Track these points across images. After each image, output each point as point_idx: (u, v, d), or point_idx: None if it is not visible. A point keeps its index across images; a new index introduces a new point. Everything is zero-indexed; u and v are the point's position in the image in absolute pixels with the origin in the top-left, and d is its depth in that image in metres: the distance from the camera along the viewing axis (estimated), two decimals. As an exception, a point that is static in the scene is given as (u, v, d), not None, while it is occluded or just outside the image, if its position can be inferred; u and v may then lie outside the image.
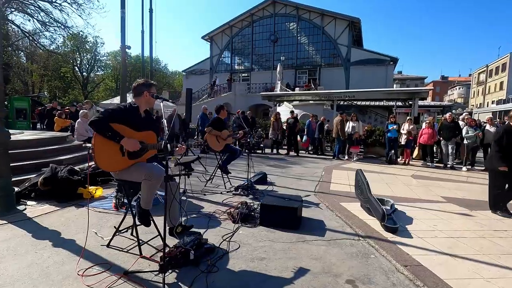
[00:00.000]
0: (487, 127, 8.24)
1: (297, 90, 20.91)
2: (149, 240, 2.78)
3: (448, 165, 8.59)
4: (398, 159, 9.69)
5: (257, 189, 5.09)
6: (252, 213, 3.65)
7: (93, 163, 4.46)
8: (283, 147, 12.04)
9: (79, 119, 7.96)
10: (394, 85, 24.94)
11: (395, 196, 5.00)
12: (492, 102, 42.07)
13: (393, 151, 9.58)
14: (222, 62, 31.51)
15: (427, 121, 9.50)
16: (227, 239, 2.98)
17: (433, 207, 4.46)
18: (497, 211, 4.14)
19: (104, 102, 25.53)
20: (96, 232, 2.97)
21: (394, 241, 3.05)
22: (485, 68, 48.66)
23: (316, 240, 3.05)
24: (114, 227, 2.93)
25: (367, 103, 18.53)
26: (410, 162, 9.41)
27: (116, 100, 22.80)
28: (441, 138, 8.81)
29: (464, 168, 8.47)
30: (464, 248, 2.95)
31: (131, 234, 2.94)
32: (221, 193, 4.84)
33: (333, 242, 3.04)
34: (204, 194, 4.72)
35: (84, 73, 39.80)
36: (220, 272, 2.35)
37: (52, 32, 22.45)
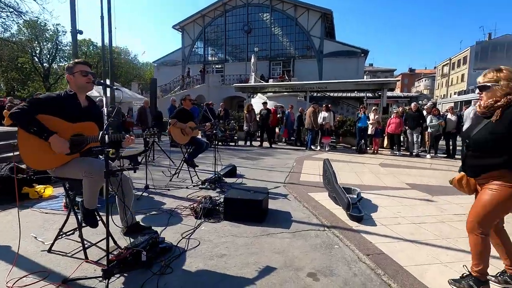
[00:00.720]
0: (449, 116, 8.61)
1: (271, 82, 20.82)
2: (97, 242, 2.53)
3: (414, 153, 8.92)
4: (368, 149, 9.93)
5: (226, 182, 4.93)
6: (217, 208, 3.49)
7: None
8: (257, 139, 11.93)
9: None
10: (365, 77, 25.59)
11: (363, 185, 5.06)
12: (455, 93, 44.68)
13: (362, 141, 9.81)
14: (195, 53, 30.64)
15: (395, 111, 9.78)
16: (186, 237, 2.80)
17: (398, 194, 4.55)
18: None
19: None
20: (35, 237, 2.65)
21: (359, 230, 3.03)
22: (448, 61, 51.39)
23: (281, 233, 2.96)
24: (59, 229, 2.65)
25: (340, 94, 18.89)
26: (379, 151, 9.68)
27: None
28: (406, 128, 9.11)
29: (428, 156, 8.84)
30: (424, 234, 2.99)
31: (79, 236, 2.68)
32: (186, 187, 4.62)
33: (298, 234, 2.96)
34: (168, 189, 4.48)
35: (45, 64, 36.90)
36: (175, 273, 2.17)
37: (4, 18, 20.47)
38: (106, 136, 1.80)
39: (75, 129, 2.21)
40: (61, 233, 2.47)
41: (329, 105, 11.07)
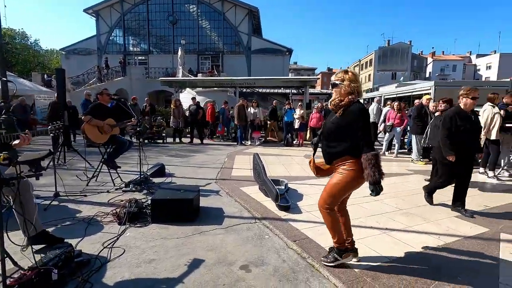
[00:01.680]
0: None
1: (199, 76, 20.34)
2: (-11, 267, 2.09)
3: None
4: (294, 142, 10.64)
5: (153, 183, 4.65)
6: (143, 211, 3.27)
7: None
8: (187, 135, 11.55)
9: None
10: (290, 75, 27.23)
11: (290, 176, 5.41)
12: (364, 91, 51.31)
13: (289, 135, 10.46)
14: (113, 41, 27.71)
15: (315, 107, 10.70)
16: (108, 246, 2.54)
17: (320, 182, 5.00)
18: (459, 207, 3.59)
19: None
20: None
21: (286, 219, 3.24)
22: (358, 63, 58.55)
23: (214, 230, 2.95)
24: None
25: (268, 90, 19.66)
26: (303, 144, 10.48)
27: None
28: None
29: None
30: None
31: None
32: (107, 191, 4.18)
33: (230, 229, 2.99)
34: (85, 195, 3.98)
35: None
36: (95, 288, 1.95)
37: None
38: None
39: None
40: None
41: (256, 101, 11.43)
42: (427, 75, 53.13)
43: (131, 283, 2.03)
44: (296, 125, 10.37)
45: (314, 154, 2.46)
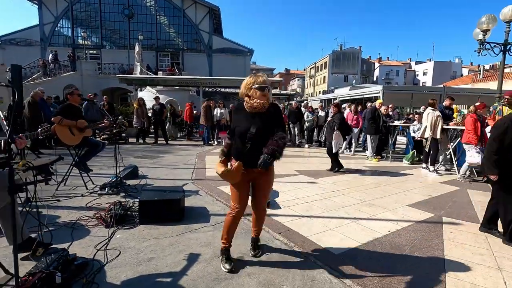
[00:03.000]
0: (320, 112, 10.57)
1: (160, 74, 19.70)
2: (-18, 276, 2.03)
3: (296, 144, 10.53)
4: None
5: (129, 185, 4.59)
6: (129, 212, 3.29)
7: None
8: (150, 135, 11.24)
9: None
10: (252, 75, 27.59)
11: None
12: (319, 92, 54.05)
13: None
14: (59, 33, 25.39)
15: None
16: (102, 248, 2.57)
17: (291, 179, 5.41)
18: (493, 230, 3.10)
19: None
20: None
21: (269, 214, 3.51)
22: (314, 65, 61.40)
23: (203, 227, 3.11)
24: None
25: (230, 90, 19.81)
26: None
27: None
28: (290, 122, 10.63)
29: (306, 146, 10.62)
30: (315, 209, 3.76)
31: None
32: (82, 195, 4.05)
33: (218, 225, 3.18)
34: (58, 200, 3.81)
35: None
36: (102, 288, 2.03)
37: None
38: (14, 146, 1.51)
39: None
40: None
41: (222, 102, 11.57)
42: (375, 79, 57.85)
43: (136, 280, 2.14)
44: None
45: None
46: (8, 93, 12.82)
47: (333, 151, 6.20)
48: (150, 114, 10.90)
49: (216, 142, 10.72)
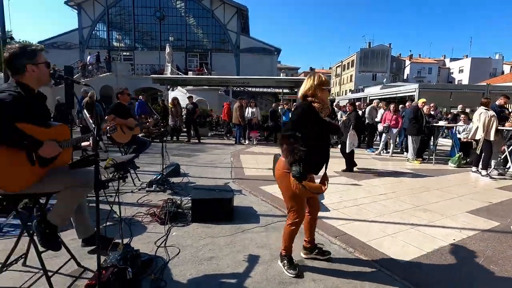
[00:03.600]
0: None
1: (190, 74, 20.12)
2: (59, 269, 2.11)
3: (332, 144, 10.28)
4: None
5: (173, 183, 4.68)
6: (180, 210, 3.33)
7: None
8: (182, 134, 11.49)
9: None
10: (281, 74, 27.51)
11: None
12: (346, 91, 52.72)
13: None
14: (96, 36, 26.75)
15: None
16: (162, 245, 2.61)
17: (332, 181, 5.22)
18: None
19: None
20: (-37, 274, 2.01)
21: (320, 217, 3.39)
22: (340, 64, 60.00)
23: (255, 228, 3.07)
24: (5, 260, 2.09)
25: (257, 89, 19.83)
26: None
27: None
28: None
29: (340, 146, 10.32)
30: (367, 213, 3.60)
31: (23, 264, 2.18)
32: (131, 192, 4.18)
33: (269, 227, 3.13)
34: (111, 196, 3.95)
35: None
36: (171, 286, 2.03)
37: None
38: (102, 143, 1.55)
39: (51, 135, 1.79)
40: (6, 264, 1.96)
41: (254, 101, 11.57)
42: (405, 77, 55.43)
43: (202, 280, 2.13)
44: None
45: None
46: (52, 93, 13.69)
47: (347, 151, 6.05)
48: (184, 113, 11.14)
49: (247, 142, 10.73)
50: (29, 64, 1.77)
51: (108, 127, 2.30)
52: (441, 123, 7.89)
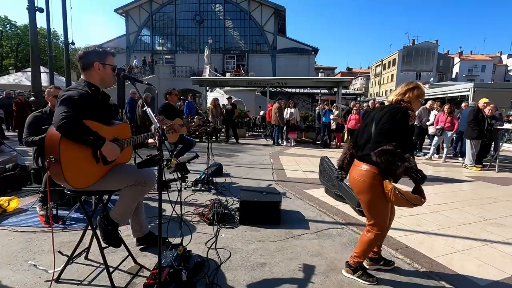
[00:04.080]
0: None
1: (228, 75, 20.45)
2: (119, 265, 2.16)
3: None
4: (331, 143, 10.51)
5: (216, 183, 4.69)
6: (227, 211, 3.29)
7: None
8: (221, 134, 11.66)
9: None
10: (319, 74, 26.91)
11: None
12: (386, 92, 50.06)
13: (327, 136, 10.34)
14: (141, 41, 28.37)
15: (354, 108, 10.50)
16: (212, 247, 2.57)
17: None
18: None
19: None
20: (34, 264, 2.14)
21: (374, 225, 3.16)
22: (380, 62, 57.15)
23: (305, 234, 2.92)
24: (59, 252, 2.19)
25: (294, 90, 19.55)
26: (341, 146, 10.31)
27: (4, 80, 18.10)
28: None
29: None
30: (428, 224, 3.26)
31: (86, 258, 2.26)
32: (178, 190, 4.25)
33: (320, 233, 2.96)
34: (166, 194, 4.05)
35: None
36: (225, 291, 1.97)
37: None
38: (167, 143, 1.52)
39: (111, 133, 1.83)
40: (73, 256, 2.03)
41: (293, 102, 11.35)
42: (453, 76, 51.22)
43: (257, 287, 2.03)
44: (333, 125, 10.24)
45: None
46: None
47: None
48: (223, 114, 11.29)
49: (285, 143, 10.56)
50: (97, 62, 1.87)
51: (165, 127, 2.31)
52: (507, 125, 7.04)
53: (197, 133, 7.80)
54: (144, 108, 1.80)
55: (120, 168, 1.90)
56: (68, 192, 1.94)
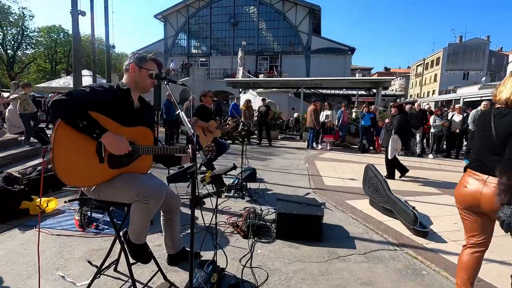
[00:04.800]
0: (455, 116, 8.61)
1: (261, 77, 20.32)
2: (148, 281, 1.99)
3: (417, 153, 8.91)
4: (370, 148, 9.83)
5: (250, 188, 4.45)
6: (263, 223, 3.03)
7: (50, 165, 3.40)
8: (253, 136, 11.47)
9: (10, 106, 6.34)
10: (357, 74, 25.77)
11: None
12: (428, 93, 46.77)
13: (365, 140, 9.68)
14: (178, 44, 29.32)
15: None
16: (247, 265, 2.32)
17: (436, 200, 4.32)
18: None
19: (39, 85, 21.85)
20: (63, 276, 2.05)
21: (433, 249, 2.71)
22: (422, 62, 53.59)
23: (351, 255, 2.57)
24: (88, 261, 2.08)
25: (328, 91, 18.84)
26: (382, 150, 9.59)
27: (55, 83, 19.67)
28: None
29: (430, 156, 8.86)
30: (499, 250, 2.72)
31: (115, 270, 2.13)
32: (210, 196, 4.08)
33: (370, 255, 2.58)
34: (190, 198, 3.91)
35: (9, 51, 33.71)
36: (264, 323, 1.70)
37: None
38: (202, 153, 1.31)
39: (127, 134, 1.67)
40: (101, 269, 1.90)
41: (329, 104, 10.84)
42: (507, 75, 46.35)
43: (300, 321, 1.74)
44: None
45: None
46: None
47: (389, 157, 5.39)
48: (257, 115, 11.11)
49: (320, 146, 10.09)
50: (133, 64, 1.80)
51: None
52: None
53: (229, 135, 7.68)
54: (177, 112, 1.59)
55: (128, 176, 1.71)
56: (87, 197, 1.82)
